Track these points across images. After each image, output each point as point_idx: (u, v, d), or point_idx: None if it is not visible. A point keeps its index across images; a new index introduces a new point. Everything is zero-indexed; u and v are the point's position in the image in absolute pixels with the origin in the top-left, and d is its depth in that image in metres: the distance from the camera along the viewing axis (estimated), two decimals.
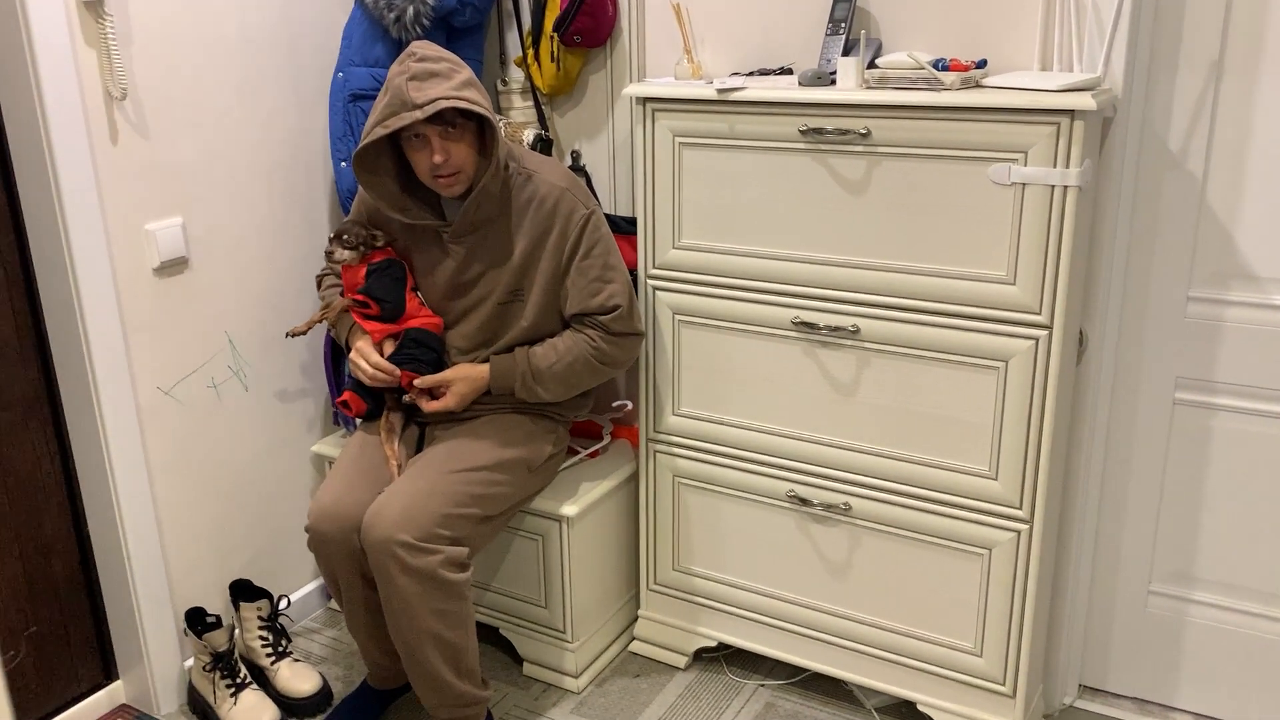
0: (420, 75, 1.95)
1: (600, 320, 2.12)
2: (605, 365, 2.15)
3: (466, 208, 2.07)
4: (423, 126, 1.97)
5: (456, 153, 2.01)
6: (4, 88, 1.99)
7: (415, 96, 1.93)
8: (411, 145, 2.03)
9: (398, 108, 1.95)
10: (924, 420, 2.03)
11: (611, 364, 2.16)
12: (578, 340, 2.13)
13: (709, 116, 2.08)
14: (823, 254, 2.04)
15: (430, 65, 1.97)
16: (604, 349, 2.13)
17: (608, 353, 2.14)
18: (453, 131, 2.00)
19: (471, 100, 1.96)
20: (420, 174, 2.06)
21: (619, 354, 2.16)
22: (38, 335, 2.14)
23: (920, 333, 1.98)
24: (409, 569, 1.93)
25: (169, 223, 2.21)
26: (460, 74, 2.00)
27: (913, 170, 1.91)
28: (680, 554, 2.40)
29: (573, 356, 2.12)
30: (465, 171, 2.04)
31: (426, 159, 2.01)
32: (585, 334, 2.13)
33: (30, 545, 2.19)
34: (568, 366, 2.12)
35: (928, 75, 1.87)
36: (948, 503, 2.05)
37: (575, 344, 2.13)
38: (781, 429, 2.19)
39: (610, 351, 2.14)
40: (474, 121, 2.03)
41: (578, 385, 2.17)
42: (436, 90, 1.94)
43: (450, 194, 2.08)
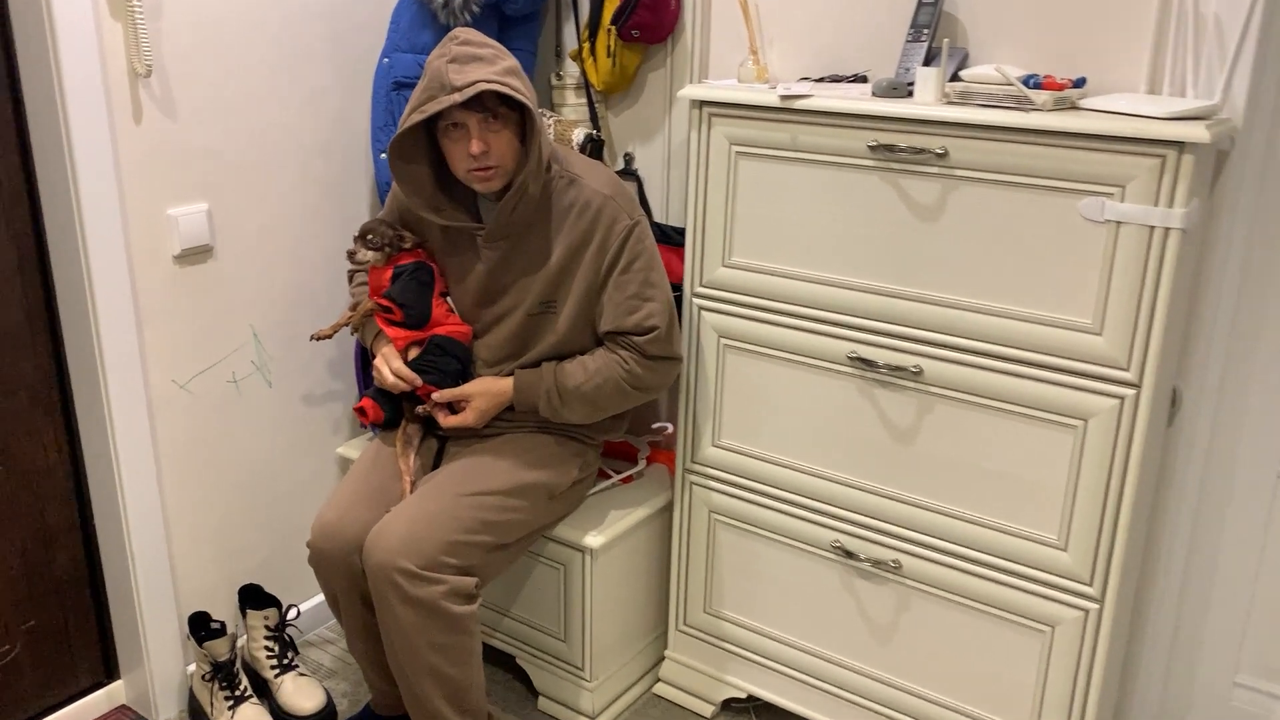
0: (461, 58, 1.81)
1: (635, 341, 1.95)
2: (637, 390, 1.98)
3: (503, 207, 1.91)
4: (461, 114, 1.82)
5: (496, 145, 1.85)
6: (23, 62, 1.89)
7: (454, 79, 1.78)
8: (449, 136, 1.87)
9: (435, 91, 1.80)
10: (988, 477, 1.81)
11: (644, 389, 1.98)
12: (609, 361, 1.96)
13: (770, 125, 1.89)
14: (886, 284, 1.84)
15: (473, 49, 1.82)
16: (637, 372, 1.96)
17: (640, 377, 1.96)
18: (493, 122, 1.84)
19: (514, 87, 1.80)
20: (456, 168, 1.91)
21: (652, 379, 1.98)
22: (50, 319, 2.04)
23: (990, 380, 1.77)
24: (409, 599, 1.79)
25: (193, 208, 2.10)
26: (504, 60, 1.84)
27: (993, 198, 1.70)
28: (712, 596, 2.22)
29: (602, 378, 1.95)
30: (504, 166, 1.89)
31: (464, 150, 1.86)
32: (618, 354, 1.96)
33: (32, 536, 2.09)
34: (596, 388, 1.95)
35: (1017, 93, 1.66)
36: (1009, 570, 1.83)
37: (606, 364, 1.96)
38: (829, 472, 1.99)
39: (643, 375, 1.96)
40: (516, 113, 1.87)
41: (605, 408, 2.00)
42: (477, 73, 1.79)
43: (486, 189, 1.92)
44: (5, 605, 2.08)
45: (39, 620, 2.14)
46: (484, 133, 1.84)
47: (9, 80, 1.90)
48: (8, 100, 1.91)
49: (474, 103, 1.80)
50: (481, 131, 1.83)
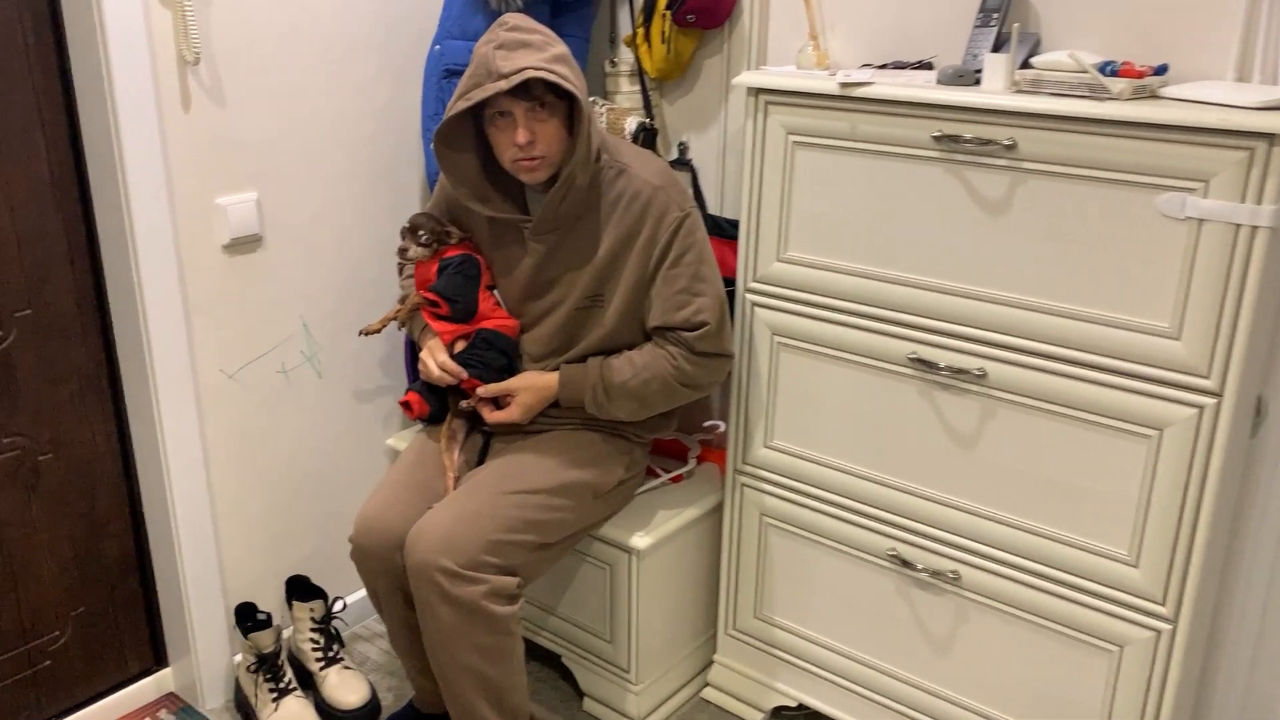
0: (510, 44, 1.76)
1: (684, 337, 1.88)
2: (685, 387, 1.91)
3: (550, 199, 1.86)
4: (508, 102, 1.77)
5: (543, 134, 1.80)
6: (73, 51, 1.89)
7: (502, 66, 1.73)
8: (495, 124, 1.82)
9: (482, 78, 1.75)
10: (1055, 488, 1.72)
11: (693, 386, 1.92)
12: (657, 356, 1.90)
13: (829, 113, 1.81)
14: (949, 282, 1.75)
15: (522, 35, 1.77)
16: (685, 369, 1.89)
17: (689, 374, 1.90)
18: (540, 111, 1.79)
19: (562, 75, 1.74)
20: (502, 158, 1.86)
21: (702, 376, 1.91)
22: (99, 308, 2.04)
23: (1059, 385, 1.67)
24: (450, 598, 1.75)
25: (242, 197, 2.08)
26: (554, 48, 1.79)
27: (1065, 192, 1.60)
28: (763, 601, 2.15)
29: (650, 374, 1.89)
30: (551, 157, 1.83)
31: (510, 139, 1.80)
32: (666, 350, 1.90)
33: (82, 523, 2.10)
34: (643, 384, 1.89)
35: (1092, 80, 1.56)
36: (1075, 586, 1.73)
37: (654, 360, 1.90)
38: (886, 478, 1.91)
39: (692, 373, 1.90)
40: (565, 102, 1.82)
41: (653, 406, 1.94)
42: (525, 60, 1.73)
43: (532, 180, 1.87)
44: (56, 591, 2.09)
45: (88, 607, 2.15)
46: (530, 122, 1.78)
47: (59, 70, 1.90)
48: (58, 90, 1.91)
49: (521, 91, 1.75)
50: (528, 120, 1.78)
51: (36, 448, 2.00)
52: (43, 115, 1.89)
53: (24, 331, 1.94)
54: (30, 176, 1.90)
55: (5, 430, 1.95)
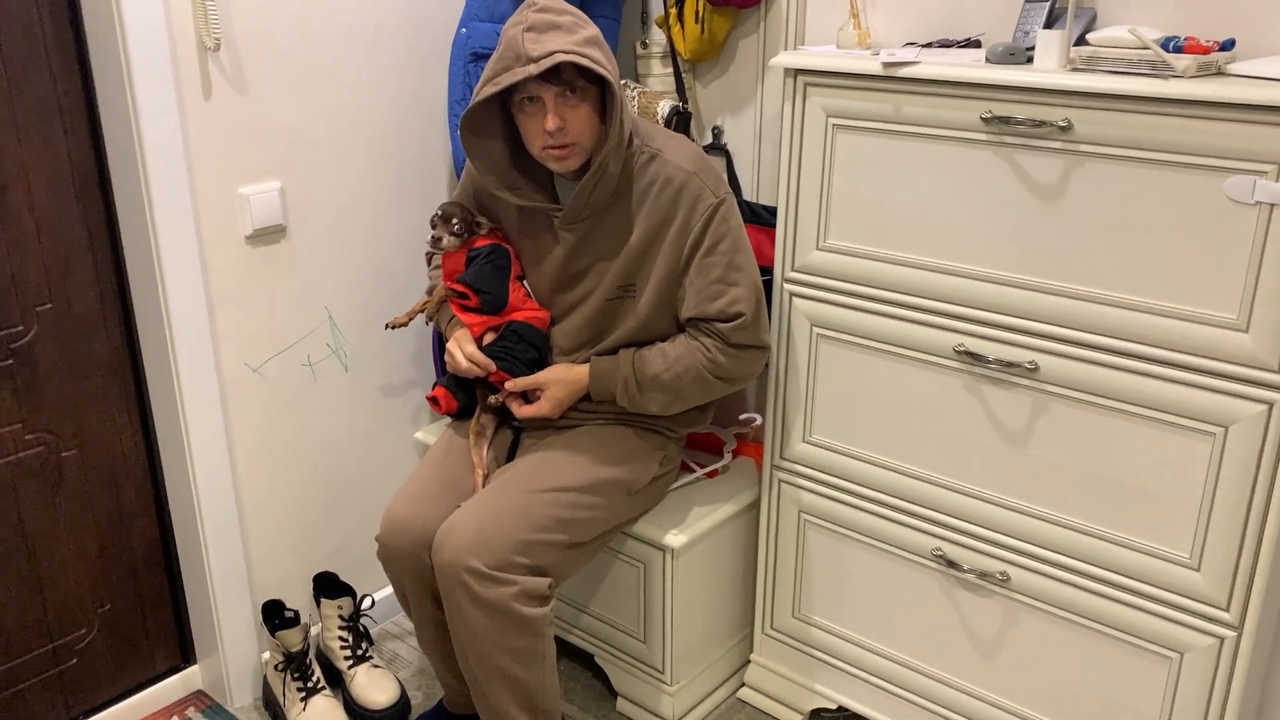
0: (539, 26, 1.68)
1: (719, 328, 1.81)
2: (720, 380, 1.84)
3: (582, 188, 1.79)
4: (537, 87, 1.70)
5: (574, 120, 1.73)
6: (90, 37, 1.84)
7: (530, 49, 1.66)
8: (523, 110, 1.76)
9: (510, 61, 1.68)
10: (1110, 486, 1.64)
11: (727, 379, 1.85)
12: (691, 348, 1.83)
13: (871, 95, 1.73)
14: (999, 271, 1.67)
15: (551, 16, 1.70)
16: (720, 361, 1.82)
17: (724, 366, 1.83)
18: (571, 96, 1.72)
19: (594, 59, 1.67)
20: (531, 145, 1.79)
21: (737, 368, 1.84)
22: (122, 301, 2.00)
23: (1115, 379, 1.59)
24: (479, 600, 1.70)
25: (265, 187, 2.03)
26: (585, 30, 1.72)
27: (1124, 176, 1.51)
28: (801, 600, 2.09)
29: (683, 366, 1.82)
30: (582, 144, 1.76)
31: (539, 126, 1.74)
32: (700, 342, 1.83)
33: (108, 520, 2.07)
34: (676, 377, 1.83)
35: (1154, 57, 1.47)
36: (1132, 589, 1.65)
37: (688, 352, 1.83)
38: (931, 475, 1.83)
39: (727, 365, 1.83)
40: (596, 86, 1.75)
41: (686, 399, 1.87)
42: (555, 43, 1.66)
43: (563, 169, 1.80)
44: (82, 588, 2.06)
45: (115, 604, 2.12)
46: (561, 108, 1.72)
47: (78, 57, 1.85)
48: (76, 77, 1.86)
49: (551, 75, 1.68)
50: (558, 106, 1.71)
51: (60, 444, 1.97)
52: (61, 104, 1.85)
53: (45, 326, 1.90)
54: (49, 167, 1.86)
55: (28, 427, 1.92)
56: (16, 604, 1.97)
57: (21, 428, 1.91)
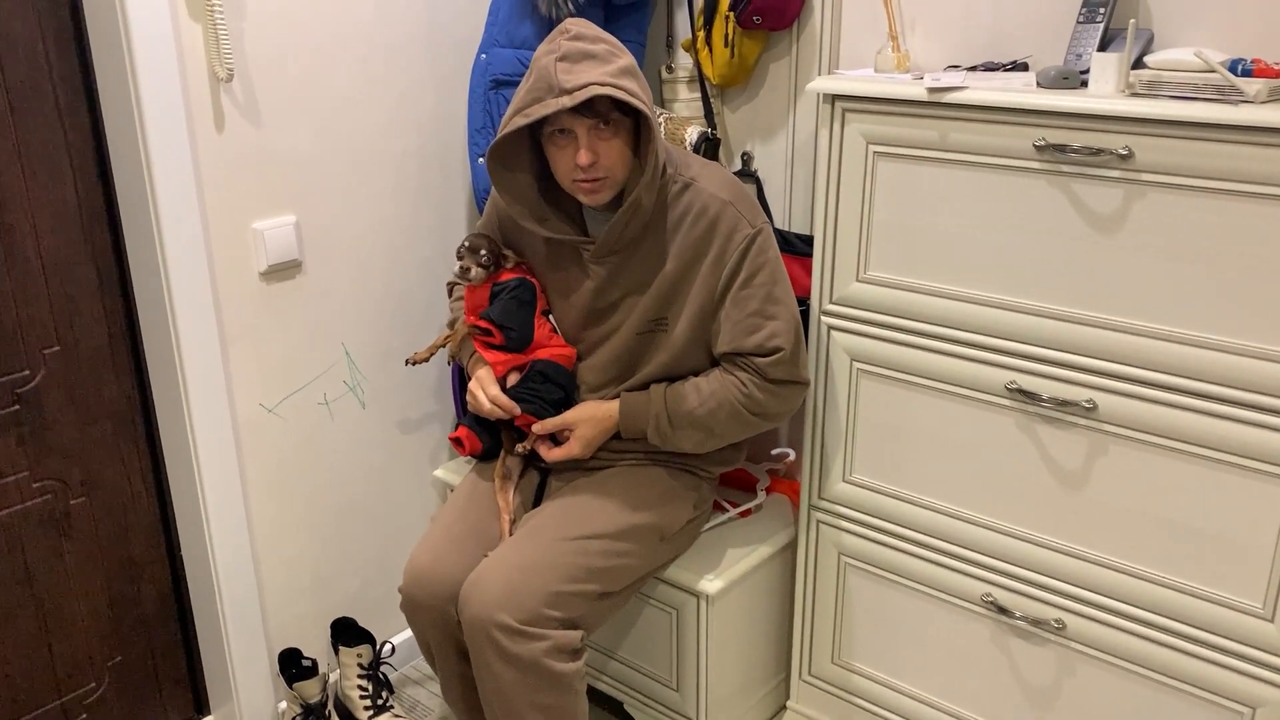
0: (572, 55, 1.61)
1: (756, 363, 1.73)
2: (756, 416, 1.76)
3: (614, 224, 1.71)
4: (570, 119, 1.63)
5: (607, 154, 1.66)
6: (99, 69, 1.77)
7: (564, 80, 1.58)
8: (554, 142, 1.68)
9: (542, 93, 1.61)
10: (1175, 531, 1.55)
11: (764, 415, 1.77)
12: (726, 384, 1.75)
13: (915, 121, 1.65)
14: (1053, 305, 1.59)
15: (585, 45, 1.62)
16: (757, 397, 1.74)
17: (761, 402, 1.74)
18: (604, 129, 1.64)
19: (630, 91, 1.60)
20: (560, 177, 1.72)
21: (774, 405, 1.76)
22: (132, 342, 1.93)
23: (1180, 419, 1.51)
24: (508, 656, 1.61)
25: (280, 221, 1.95)
26: (620, 59, 1.64)
27: (1188, 207, 1.43)
28: (841, 645, 2.00)
29: (717, 402, 1.74)
30: (613, 178, 1.69)
31: (570, 159, 1.66)
32: (735, 377, 1.75)
33: (117, 567, 1.99)
34: (710, 413, 1.74)
35: (1221, 81, 1.39)
36: (1199, 640, 1.57)
37: (723, 387, 1.75)
38: (981, 517, 1.75)
39: (764, 401, 1.74)
40: (630, 118, 1.67)
41: (721, 437, 1.79)
42: (590, 74, 1.59)
43: (594, 202, 1.73)
44: (91, 641, 1.98)
45: (125, 656, 2.03)
46: (593, 141, 1.64)
47: (85, 90, 1.78)
48: (84, 110, 1.79)
49: (584, 107, 1.61)
50: (591, 140, 1.64)
51: (68, 491, 1.89)
52: (68, 137, 1.78)
53: (53, 369, 1.83)
54: (56, 203, 1.78)
55: (35, 474, 1.84)
56: (24, 658, 1.88)
57: (28, 476, 1.83)
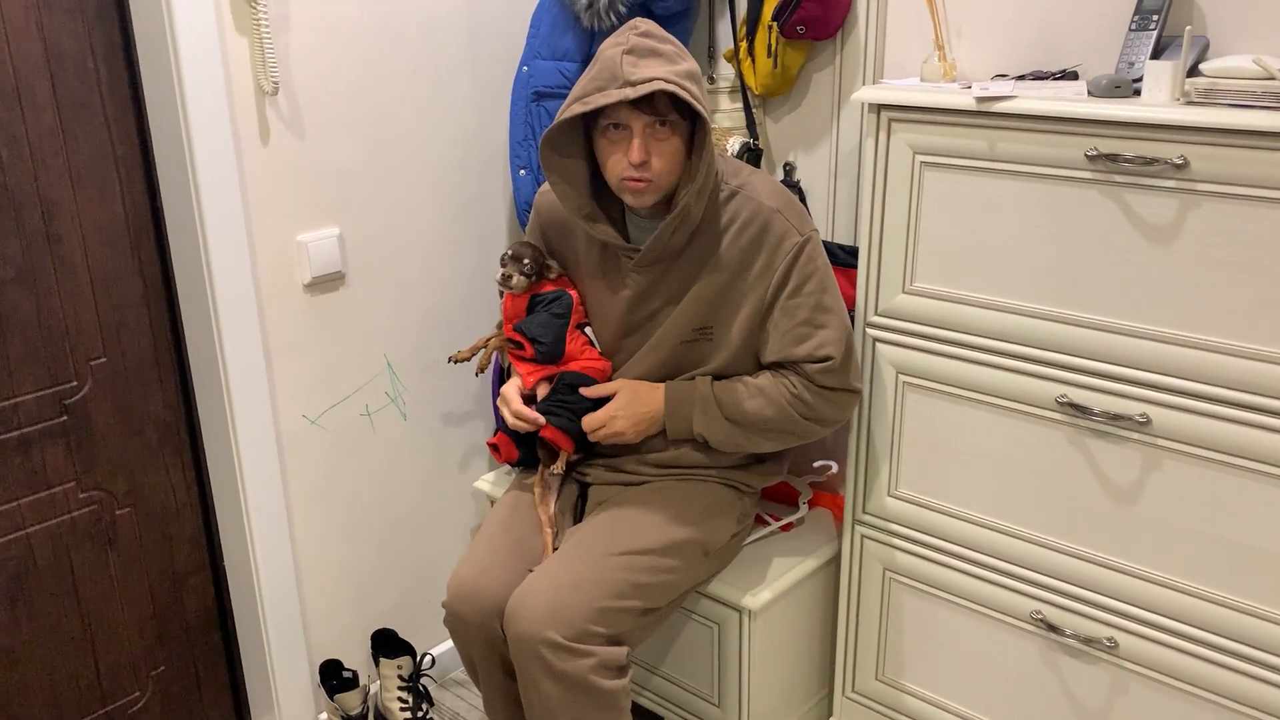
0: (640, 50, 1.60)
1: (806, 370, 1.71)
2: (807, 420, 1.74)
3: (662, 231, 1.69)
4: (628, 114, 1.61)
5: (659, 154, 1.64)
6: (146, 83, 1.78)
7: (629, 72, 1.57)
8: (607, 135, 1.66)
9: (605, 82, 1.59)
10: (1233, 549, 1.52)
11: (816, 419, 1.74)
12: (777, 383, 1.73)
13: (963, 131, 1.63)
14: (1105, 317, 1.56)
15: (653, 43, 1.62)
16: (807, 399, 1.72)
17: (812, 405, 1.72)
18: (660, 129, 1.63)
19: (693, 94, 1.59)
20: (609, 174, 1.69)
21: (826, 410, 1.74)
22: (178, 354, 1.94)
23: (1238, 434, 1.47)
24: (556, 673, 1.60)
25: (324, 233, 1.96)
26: (686, 62, 1.64)
27: (1246, 217, 1.40)
28: (887, 662, 1.97)
29: (767, 398, 1.72)
30: (660, 181, 1.67)
31: (621, 155, 1.64)
32: (785, 380, 1.73)
33: (161, 579, 2.00)
34: (759, 408, 1.72)
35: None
36: (1257, 660, 1.53)
37: (773, 385, 1.73)
38: (1030, 533, 1.72)
39: (815, 404, 1.72)
40: (687, 122, 1.66)
41: (767, 434, 1.76)
42: (655, 70, 1.58)
43: (638, 204, 1.71)
44: (135, 650, 1.99)
45: (169, 666, 2.04)
46: (648, 139, 1.63)
47: (133, 103, 1.80)
48: (132, 124, 1.81)
49: (644, 104, 1.59)
50: (646, 137, 1.63)
51: (114, 502, 1.90)
52: (116, 151, 1.79)
53: (100, 380, 1.84)
54: (105, 217, 1.80)
55: (82, 485, 1.85)
56: (68, 668, 1.90)
57: (75, 486, 1.85)
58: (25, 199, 1.70)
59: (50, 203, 1.73)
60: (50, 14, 1.67)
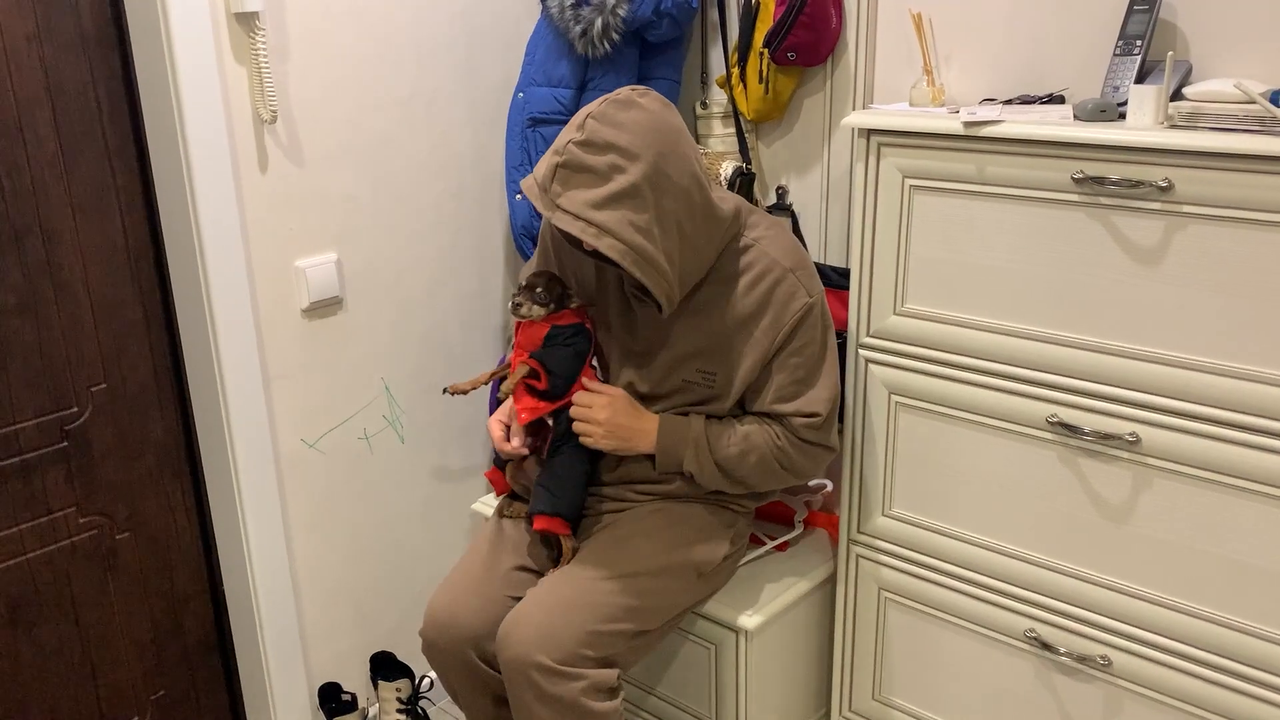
0: (572, 165, 1.55)
1: (791, 423, 1.73)
2: (784, 470, 1.76)
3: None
4: None
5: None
6: (146, 112, 1.81)
7: (554, 191, 1.57)
8: None
9: (544, 180, 1.58)
10: (1222, 566, 1.53)
11: (791, 470, 1.77)
12: (760, 431, 1.74)
13: (951, 155, 1.65)
14: (1094, 338, 1.57)
15: (587, 157, 1.54)
16: (788, 450, 1.74)
17: (791, 456, 1.75)
18: None
19: (603, 228, 1.54)
20: None
21: (802, 462, 1.76)
22: (177, 379, 1.96)
23: (1227, 452, 1.49)
24: (546, 697, 1.61)
25: (322, 259, 1.98)
26: (617, 180, 1.54)
27: (1231, 239, 1.42)
28: (883, 681, 1.98)
29: (751, 445, 1.74)
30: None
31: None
32: (770, 429, 1.74)
33: (161, 603, 2.01)
34: (742, 453, 1.74)
35: (1263, 112, 1.38)
36: (1249, 677, 1.54)
37: (759, 432, 1.74)
38: (1023, 551, 1.73)
39: (793, 456, 1.75)
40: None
41: (747, 479, 1.78)
42: (573, 200, 1.55)
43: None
44: (134, 674, 2.00)
45: (168, 690, 2.05)
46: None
47: (134, 133, 1.83)
48: (132, 152, 1.83)
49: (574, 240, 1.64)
50: None
51: (114, 526, 1.92)
52: (116, 180, 1.82)
53: (100, 406, 1.86)
54: (105, 244, 1.82)
55: (83, 510, 1.87)
56: (69, 692, 1.90)
57: (75, 511, 1.86)
58: (26, 227, 1.73)
59: (51, 231, 1.75)
60: (51, 45, 1.70)
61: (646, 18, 1.98)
